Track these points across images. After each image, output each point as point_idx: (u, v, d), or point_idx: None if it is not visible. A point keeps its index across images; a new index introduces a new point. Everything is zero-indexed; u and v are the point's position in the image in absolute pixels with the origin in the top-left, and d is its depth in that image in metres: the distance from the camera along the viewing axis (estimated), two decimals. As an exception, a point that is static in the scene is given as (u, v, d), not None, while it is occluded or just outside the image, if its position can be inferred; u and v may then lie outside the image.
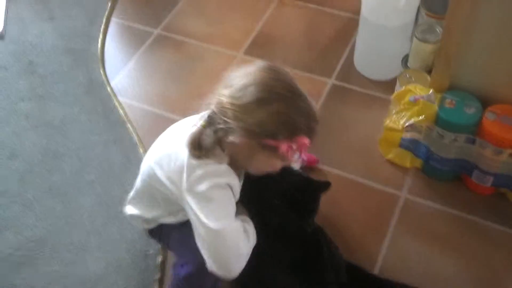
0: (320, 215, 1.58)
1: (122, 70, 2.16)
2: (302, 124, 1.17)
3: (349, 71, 2.08)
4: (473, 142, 1.59)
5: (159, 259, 1.60)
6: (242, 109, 1.14)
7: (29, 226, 1.68)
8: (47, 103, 2.03)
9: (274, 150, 1.17)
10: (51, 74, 2.13)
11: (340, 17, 2.29)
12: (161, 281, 1.56)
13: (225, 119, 1.15)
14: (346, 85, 2.04)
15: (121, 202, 1.71)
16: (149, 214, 1.39)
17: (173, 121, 1.41)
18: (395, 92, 1.74)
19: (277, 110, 1.14)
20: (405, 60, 1.89)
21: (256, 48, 2.19)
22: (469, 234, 1.63)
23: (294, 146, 1.18)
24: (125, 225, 1.66)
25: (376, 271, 1.56)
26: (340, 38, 2.20)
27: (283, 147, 1.17)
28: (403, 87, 1.70)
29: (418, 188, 1.73)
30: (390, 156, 1.79)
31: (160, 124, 1.96)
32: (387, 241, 1.61)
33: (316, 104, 1.95)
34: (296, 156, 1.22)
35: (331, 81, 2.05)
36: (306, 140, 1.19)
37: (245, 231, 1.26)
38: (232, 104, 1.15)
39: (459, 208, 1.67)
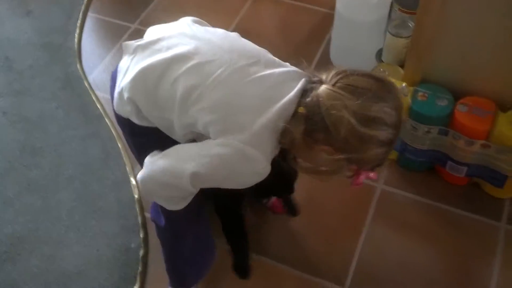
0: (298, 208, 1.62)
1: (100, 65, 2.15)
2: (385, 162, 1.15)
3: (325, 66, 2.09)
4: (446, 133, 1.63)
5: (141, 252, 1.60)
6: (360, 143, 1.05)
7: (9, 222, 1.68)
8: (24, 98, 2.02)
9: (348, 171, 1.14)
10: (28, 69, 2.11)
11: (315, 12, 2.31)
12: (143, 275, 1.57)
13: (335, 133, 1.04)
14: (322, 79, 2.06)
15: (100, 196, 1.72)
16: (154, 112, 1.20)
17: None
18: (370, 85, 1.77)
19: (382, 152, 1.09)
20: (379, 54, 1.92)
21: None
22: (444, 224, 1.67)
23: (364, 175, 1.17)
24: (105, 220, 1.67)
25: (354, 259, 1.60)
26: (316, 33, 2.23)
27: (361, 176, 1.16)
28: (378, 81, 1.73)
29: (394, 179, 1.77)
30: (366, 148, 1.82)
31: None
32: (365, 232, 1.65)
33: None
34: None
35: (308, 75, 2.07)
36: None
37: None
38: (353, 130, 1.03)
39: (434, 198, 1.72)
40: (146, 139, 1.23)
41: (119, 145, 1.86)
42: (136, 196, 1.72)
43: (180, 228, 1.37)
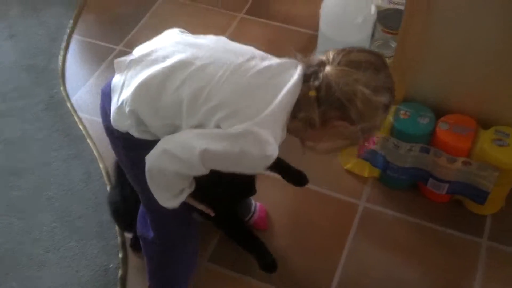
0: (280, 224, 1.61)
1: (83, 86, 2.15)
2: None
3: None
4: (427, 151, 1.63)
5: (120, 272, 1.58)
6: (372, 111, 1.14)
7: (-13, 243, 1.66)
8: (7, 119, 2.01)
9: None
10: (11, 91, 2.11)
11: (300, 34, 2.34)
12: (121, 295, 1.55)
13: (351, 108, 1.11)
14: (306, 98, 2.07)
15: (81, 217, 1.71)
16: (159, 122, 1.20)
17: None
18: (353, 104, 1.78)
19: (384, 116, 1.19)
20: (362, 73, 1.93)
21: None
22: (427, 241, 1.66)
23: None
24: (85, 241, 1.65)
25: (336, 277, 1.58)
26: (300, 53, 2.24)
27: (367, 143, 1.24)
28: (360, 99, 1.74)
29: (376, 197, 1.76)
30: (348, 166, 1.82)
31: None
32: (347, 249, 1.64)
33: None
34: None
35: (291, 95, 2.08)
36: None
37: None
38: (366, 100, 1.11)
39: (416, 216, 1.71)
40: (143, 153, 1.21)
41: (101, 166, 1.84)
42: (117, 216, 1.70)
43: (168, 240, 1.37)
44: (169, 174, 1.18)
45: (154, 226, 1.35)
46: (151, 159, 1.18)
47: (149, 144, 1.19)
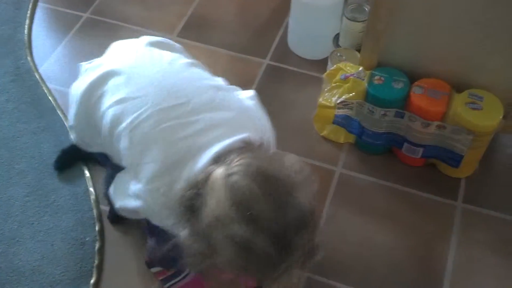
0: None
1: (51, 56, 2.08)
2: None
3: (283, 51, 2.09)
4: (402, 116, 1.64)
5: (97, 245, 1.56)
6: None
7: (-44, 220, 1.61)
8: (-28, 92, 1.94)
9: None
10: (-25, 63, 2.03)
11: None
12: (100, 267, 1.53)
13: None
14: (281, 65, 2.05)
15: (54, 190, 1.67)
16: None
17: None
18: (327, 70, 1.77)
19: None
20: (336, 39, 1.92)
21: (190, 31, 2.16)
22: (403, 205, 1.68)
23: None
24: (59, 214, 1.62)
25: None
26: (274, 18, 2.21)
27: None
28: (334, 66, 1.73)
29: (352, 162, 1.77)
30: (324, 132, 1.82)
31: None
32: (325, 215, 1.65)
33: (252, 86, 1.96)
34: None
35: (266, 62, 2.05)
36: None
37: None
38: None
39: (392, 180, 1.73)
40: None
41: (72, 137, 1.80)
42: (91, 189, 1.67)
43: None
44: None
45: None
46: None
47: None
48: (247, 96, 1.30)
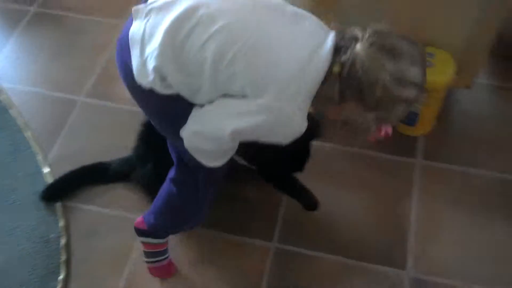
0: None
1: (0, 53, 2.04)
2: None
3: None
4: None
5: (63, 241, 1.56)
6: (391, 102, 1.08)
7: None
8: None
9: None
10: None
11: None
12: (67, 263, 1.53)
13: (369, 94, 1.06)
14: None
15: (13, 190, 1.66)
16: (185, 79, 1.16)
17: (61, 100, 1.33)
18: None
19: (407, 110, 1.13)
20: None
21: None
22: (364, 167, 1.70)
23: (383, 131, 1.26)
24: (20, 214, 1.60)
25: (280, 214, 1.62)
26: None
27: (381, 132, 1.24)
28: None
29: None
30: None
31: (47, 105, 1.90)
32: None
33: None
34: None
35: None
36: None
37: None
38: (387, 90, 1.05)
39: (351, 144, 1.74)
40: (176, 107, 1.19)
41: (28, 135, 1.77)
42: (51, 185, 1.66)
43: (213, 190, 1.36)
44: (205, 149, 1.20)
45: (182, 169, 1.31)
46: (185, 140, 1.19)
47: (178, 97, 1.17)
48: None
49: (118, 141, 1.71)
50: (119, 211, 1.62)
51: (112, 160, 1.66)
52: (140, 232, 1.45)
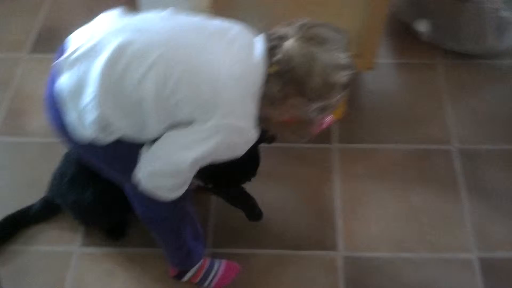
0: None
1: None
2: None
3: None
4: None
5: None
6: (330, 88, 1.14)
7: None
8: None
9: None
10: None
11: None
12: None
13: (308, 84, 1.12)
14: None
15: None
16: (120, 121, 1.15)
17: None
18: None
19: (342, 95, 1.18)
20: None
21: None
22: (283, 160, 1.75)
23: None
24: None
25: (211, 217, 1.64)
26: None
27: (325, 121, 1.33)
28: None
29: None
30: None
31: None
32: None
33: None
34: None
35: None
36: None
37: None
38: (324, 77, 1.12)
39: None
40: (123, 151, 1.19)
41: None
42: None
43: (183, 205, 1.34)
44: (166, 185, 1.20)
45: (155, 206, 1.28)
46: (143, 182, 1.18)
47: (123, 141, 1.17)
48: None
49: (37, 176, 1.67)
50: (46, 245, 1.58)
51: (33, 203, 1.61)
52: (180, 276, 1.48)
